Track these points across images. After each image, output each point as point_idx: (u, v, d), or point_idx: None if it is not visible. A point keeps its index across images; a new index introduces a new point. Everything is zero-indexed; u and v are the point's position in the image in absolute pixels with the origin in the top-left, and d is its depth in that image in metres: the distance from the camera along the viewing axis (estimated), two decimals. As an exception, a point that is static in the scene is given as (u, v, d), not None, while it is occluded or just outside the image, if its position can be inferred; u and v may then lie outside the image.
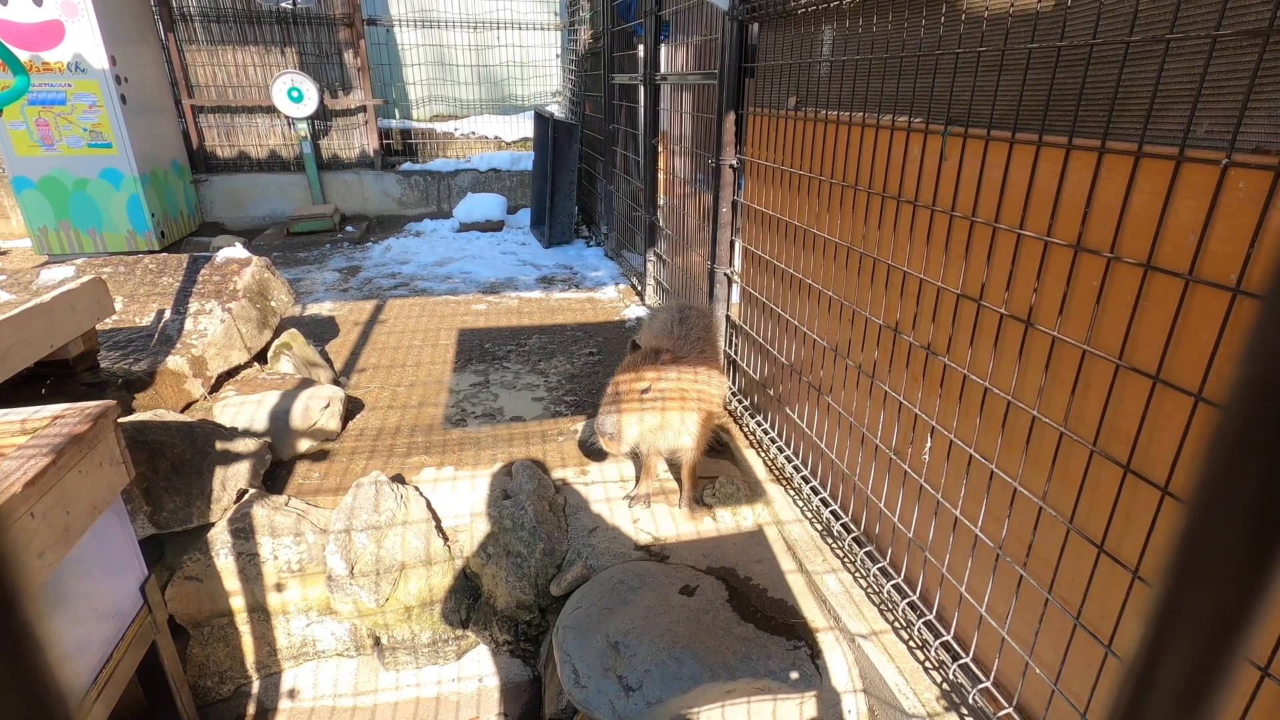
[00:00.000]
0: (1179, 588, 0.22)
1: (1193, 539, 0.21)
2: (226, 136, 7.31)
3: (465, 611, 2.41)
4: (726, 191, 2.96)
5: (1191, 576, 0.21)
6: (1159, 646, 0.22)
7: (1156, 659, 0.22)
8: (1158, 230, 1.19)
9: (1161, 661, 0.22)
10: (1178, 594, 0.22)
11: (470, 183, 7.81)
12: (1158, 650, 0.22)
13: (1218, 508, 0.21)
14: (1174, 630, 0.22)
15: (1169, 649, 0.22)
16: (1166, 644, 0.22)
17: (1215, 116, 1.12)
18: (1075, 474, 1.38)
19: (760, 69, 2.68)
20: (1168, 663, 0.22)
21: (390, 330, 4.30)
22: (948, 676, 1.76)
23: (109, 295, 2.48)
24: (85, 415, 1.63)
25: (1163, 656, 0.22)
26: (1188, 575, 0.22)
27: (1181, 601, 0.22)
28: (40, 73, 5.32)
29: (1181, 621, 0.22)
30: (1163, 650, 0.22)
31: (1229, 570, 0.21)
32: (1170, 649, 0.22)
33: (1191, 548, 0.21)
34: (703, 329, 2.54)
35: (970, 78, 1.59)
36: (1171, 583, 0.22)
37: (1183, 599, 0.22)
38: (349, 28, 7.24)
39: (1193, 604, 0.22)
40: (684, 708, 1.82)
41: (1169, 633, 0.22)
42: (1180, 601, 0.22)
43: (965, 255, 1.64)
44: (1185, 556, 0.22)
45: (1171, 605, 0.22)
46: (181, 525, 2.30)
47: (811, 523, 2.41)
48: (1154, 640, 0.22)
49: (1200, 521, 0.21)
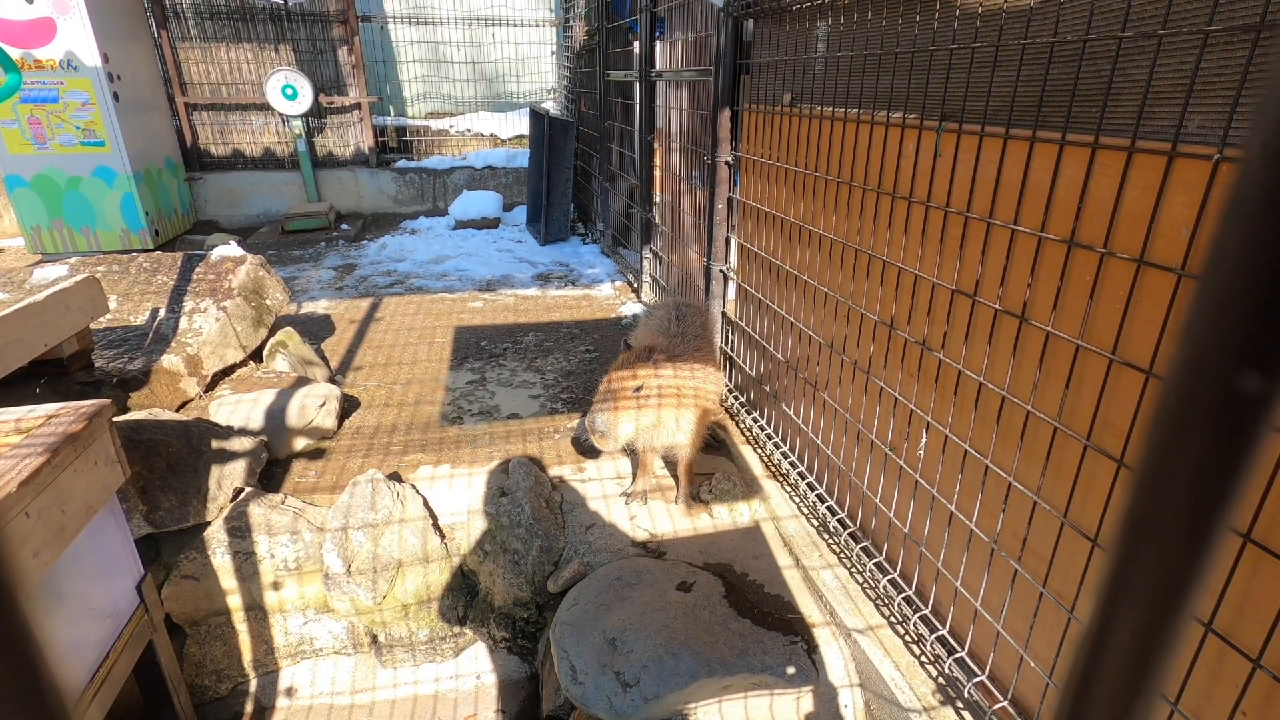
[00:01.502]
0: (1126, 559, 0.23)
1: (1138, 512, 0.22)
2: (220, 134, 7.28)
3: (463, 609, 2.41)
4: (722, 188, 2.96)
5: (1137, 548, 0.22)
6: (1110, 615, 0.23)
7: (1108, 627, 0.23)
8: (1150, 225, 1.19)
9: (1112, 629, 0.23)
10: (1125, 565, 0.23)
11: (466, 180, 7.79)
12: (1109, 619, 0.23)
13: (1160, 482, 0.21)
14: (1123, 599, 0.23)
15: (1119, 617, 0.23)
16: (1116, 613, 0.23)
17: (1207, 112, 1.13)
18: (1069, 468, 1.39)
19: (755, 65, 2.68)
20: (1118, 630, 0.23)
21: (386, 328, 4.30)
22: (943, 670, 1.77)
23: (103, 294, 2.48)
24: (80, 414, 1.63)
25: (1113, 625, 0.23)
26: (1134, 547, 0.22)
27: (1129, 571, 0.23)
28: (32, 70, 5.29)
29: (1129, 591, 0.23)
30: (1113, 619, 0.23)
31: (1171, 540, 0.21)
32: (1120, 617, 0.23)
33: (1137, 520, 0.22)
34: (699, 326, 2.54)
35: (964, 74, 1.59)
36: (1120, 554, 0.23)
37: (1130, 569, 0.23)
38: (343, 24, 7.21)
39: (1139, 574, 0.22)
40: (681, 703, 1.83)
41: (1118, 602, 0.23)
42: (1128, 572, 0.23)
43: (960, 251, 1.65)
44: (1131, 529, 0.22)
45: (1120, 576, 0.23)
46: (177, 524, 2.29)
47: (808, 519, 2.42)
48: (1105, 609, 0.23)
49: (1145, 495, 0.22)
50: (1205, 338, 0.20)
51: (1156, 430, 0.21)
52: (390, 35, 8.08)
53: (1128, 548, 0.22)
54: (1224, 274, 0.20)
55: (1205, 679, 1.16)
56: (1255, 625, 1.07)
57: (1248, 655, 1.07)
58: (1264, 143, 0.19)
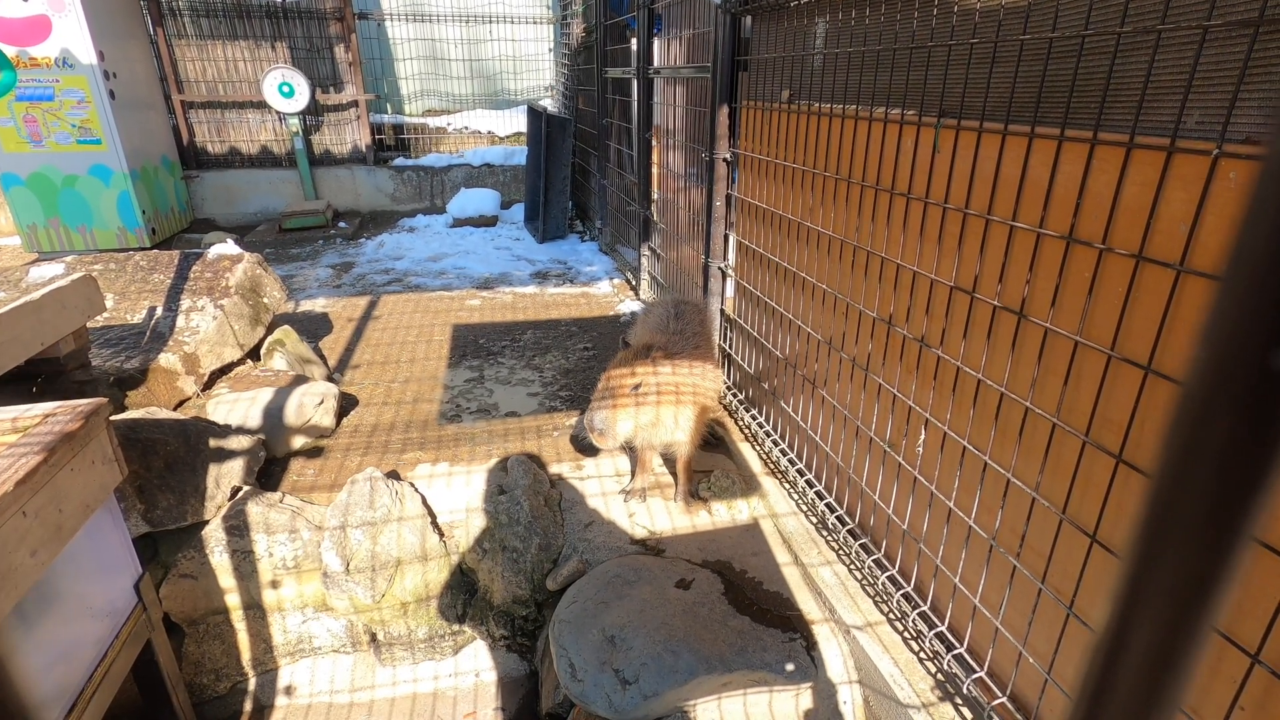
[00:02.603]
0: (1146, 560, 0.22)
1: (1158, 511, 0.22)
2: (217, 132, 7.26)
3: (461, 607, 2.41)
4: (720, 185, 2.96)
5: (1157, 549, 0.22)
6: (1128, 618, 0.23)
7: (1126, 630, 0.23)
8: (1149, 221, 1.19)
9: (1131, 632, 0.23)
10: (1145, 566, 0.22)
11: (463, 178, 7.78)
12: (1127, 621, 0.23)
13: (1181, 482, 0.21)
14: (1142, 601, 0.22)
15: (1138, 620, 0.23)
16: (1135, 615, 0.23)
17: (1206, 107, 1.12)
18: (1068, 464, 1.39)
19: (753, 62, 2.68)
20: (1137, 633, 0.23)
21: (384, 326, 4.29)
22: (942, 667, 1.77)
23: (99, 293, 2.47)
24: (77, 413, 1.62)
25: (1132, 627, 0.23)
26: (1154, 547, 0.22)
27: (1148, 573, 0.22)
28: (27, 68, 5.27)
29: (1149, 592, 0.22)
30: (1132, 621, 0.23)
31: (1193, 541, 0.21)
32: (1139, 620, 0.23)
33: (1157, 520, 0.22)
34: (698, 324, 2.54)
35: (963, 69, 1.59)
36: (1138, 555, 0.22)
37: (1149, 571, 0.22)
38: (340, 22, 7.19)
39: (1159, 575, 0.22)
40: (680, 700, 1.83)
41: (1137, 604, 0.23)
42: (1147, 573, 0.22)
43: (958, 248, 1.64)
44: (1151, 529, 0.22)
45: (1139, 577, 0.22)
46: (175, 523, 2.29)
47: (807, 516, 2.42)
48: (1123, 612, 0.23)
49: (1166, 494, 0.21)
50: (1231, 333, 0.20)
51: (1178, 427, 0.21)
52: (387, 32, 8.05)
53: (1148, 549, 0.22)
54: (1249, 271, 0.20)
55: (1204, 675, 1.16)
56: (1254, 621, 1.07)
57: (1246, 651, 1.07)
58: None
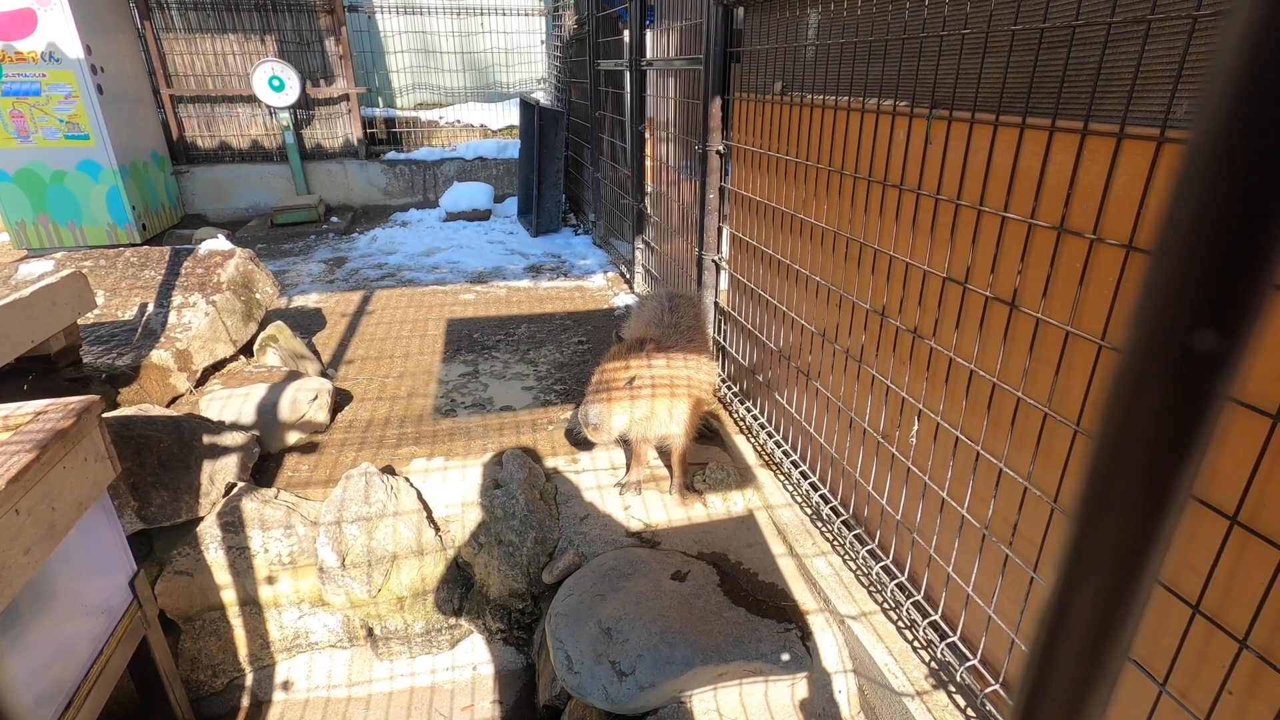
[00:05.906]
0: (1088, 525, 0.23)
1: (1098, 478, 0.22)
2: (207, 127, 7.20)
3: (458, 601, 2.41)
4: (714, 178, 2.95)
5: (1099, 513, 0.22)
6: (1072, 582, 0.23)
7: (1070, 594, 0.23)
8: (1139, 211, 1.19)
9: (1074, 597, 0.23)
10: (1087, 531, 0.23)
11: (456, 172, 7.74)
12: (1071, 586, 0.23)
13: (1120, 446, 0.21)
14: (1085, 566, 0.23)
15: (1081, 584, 0.23)
16: (1078, 580, 0.23)
17: (1196, 97, 1.13)
18: (1059, 453, 1.40)
19: (746, 54, 2.67)
20: (1080, 597, 0.23)
21: (378, 321, 4.28)
22: (936, 655, 1.78)
23: (90, 289, 2.45)
24: (69, 410, 1.62)
25: (1075, 592, 0.23)
26: (1095, 512, 0.22)
27: (1090, 538, 0.23)
28: (13, 62, 5.21)
29: (1091, 557, 0.23)
30: (1075, 586, 0.23)
31: (1130, 509, 0.22)
32: (1082, 584, 0.23)
33: (1098, 486, 0.22)
34: (692, 317, 2.54)
35: (954, 60, 1.59)
36: (1081, 520, 0.23)
37: (1092, 535, 0.23)
38: (330, 14, 7.13)
39: (1101, 540, 0.22)
40: (677, 691, 1.84)
41: (1080, 569, 0.23)
42: (1089, 538, 0.23)
43: (950, 239, 1.65)
44: (1092, 495, 0.22)
45: (1081, 542, 0.23)
46: (170, 520, 2.28)
47: (801, 507, 2.43)
48: (1067, 577, 0.23)
49: (1105, 460, 0.22)
50: (1161, 298, 0.20)
51: (1115, 394, 0.21)
52: (378, 25, 7.99)
53: (1089, 513, 0.23)
54: (1178, 237, 0.20)
55: (1192, 659, 1.17)
56: (1242, 606, 1.08)
57: (1234, 636, 1.08)
58: (1212, 115, 0.19)
